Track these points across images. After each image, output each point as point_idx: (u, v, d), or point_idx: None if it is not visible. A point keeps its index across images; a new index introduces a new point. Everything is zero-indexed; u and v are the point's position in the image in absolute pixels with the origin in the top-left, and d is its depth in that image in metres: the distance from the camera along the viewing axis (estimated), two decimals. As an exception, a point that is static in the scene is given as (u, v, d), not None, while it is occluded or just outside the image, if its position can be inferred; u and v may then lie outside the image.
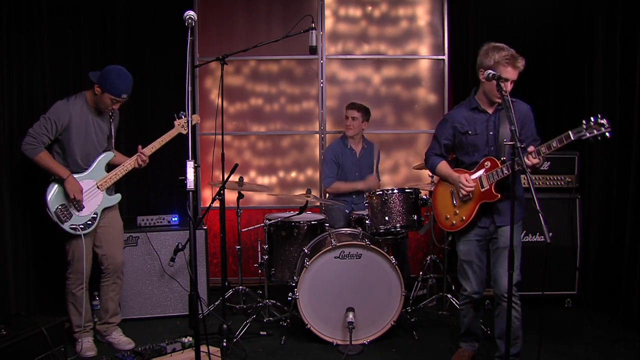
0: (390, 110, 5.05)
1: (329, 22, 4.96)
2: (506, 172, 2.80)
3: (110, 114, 3.46)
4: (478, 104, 2.99)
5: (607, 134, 2.51)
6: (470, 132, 2.99)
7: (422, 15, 5.00)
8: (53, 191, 3.26)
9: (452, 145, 3.11)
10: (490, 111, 2.98)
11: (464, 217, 3.01)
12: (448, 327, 3.84)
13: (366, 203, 3.83)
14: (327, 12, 4.94)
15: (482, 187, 2.92)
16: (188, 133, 2.37)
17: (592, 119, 2.53)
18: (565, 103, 4.56)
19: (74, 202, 3.28)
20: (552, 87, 4.64)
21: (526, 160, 2.65)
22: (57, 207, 3.25)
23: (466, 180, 2.95)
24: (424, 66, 5.04)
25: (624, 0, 3.81)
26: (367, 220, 3.82)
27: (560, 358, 3.29)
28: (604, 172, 4.05)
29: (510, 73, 2.79)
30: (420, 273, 4.32)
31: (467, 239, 3.05)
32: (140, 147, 3.47)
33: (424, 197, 3.97)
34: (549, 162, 4.18)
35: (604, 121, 2.51)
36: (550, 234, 3.70)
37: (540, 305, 3.87)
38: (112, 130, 3.50)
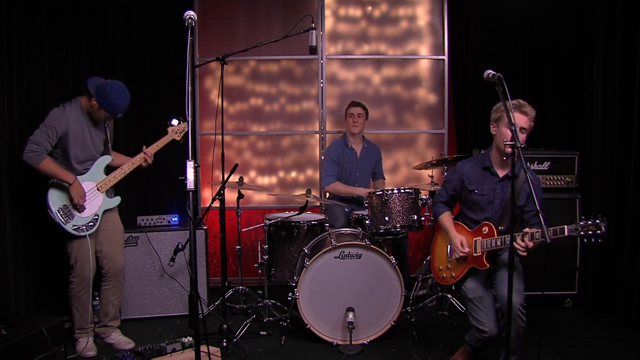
0: (390, 110, 5.06)
1: (329, 22, 4.96)
2: (499, 244, 2.81)
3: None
4: (491, 164, 2.98)
5: (600, 240, 2.48)
6: (477, 192, 2.99)
7: (422, 15, 5.00)
8: (53, 192, 3.26)
9: (458, 197, 3.13)
10: (501, 174, 2.96)
11: (453, 274, 3.03)
12: (448, 327, 3.85)
13: (366, 203, 3.83)
14: (327, 12, 4.94)
15: (475, 252, 2.93)
16: (188, 133, 2.37)
17: (591, 219, 2.50)
18: (565, 103, 4.56)
19: (75, 204, 3.29)
20: (552, 87, 4.64)
21: (519, 242, 2.64)
22: (59, 208, 3.26)
23: (461, 245, 2.96)
24: (424, 66, 5.04)
25: (623, 0, 3.81)
26: (367, 220, 3.82)
27: (560, 358, 3.29)
28: (604, 172, 4.05)
29: (519, 119, 2.75)
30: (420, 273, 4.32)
31: (473, 277, 2.98)
32: (144, 147, 3.50)
33: (424, 197, 3.97)
34: (549, 162, 4.19)
35: (603, 226, 2.47)
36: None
37: (540, 305, 3.86)
38: (108, 134, 3.52)
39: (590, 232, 2.49)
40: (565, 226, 2.55)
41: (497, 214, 2.94)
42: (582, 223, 2.52)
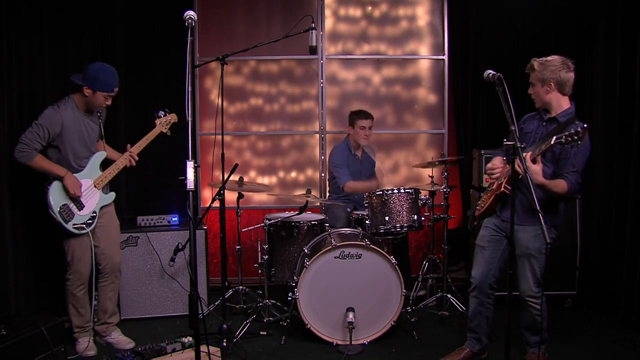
0: (390, 110, 5.06)
1: (329, 22, 4.96)
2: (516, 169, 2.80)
3: (99, 112, 3.47)
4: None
5: (580, 142, 2.52)
6: (524, 129, 3.09)
7: (422, 15, 5.00)
8: (53, 191, 3.25)
9: None
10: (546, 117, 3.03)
11: (483, 205, 3.13)
12: (448, 327, 3.85)
13: (366, 203, 3.83)
14: (327, 12, 4.94)
15: (500, 180, 3.01)
16: (188, 133, 2.37)
17: (572, 129, 2.53)
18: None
19: (74, 200, 3.29)
20: (552, 87, 4.63)
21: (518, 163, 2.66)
22: (60, 207, 3.25)
23: (492, 165, 3.06)
24: (424, 66, 5.04)
25: (624, 0, 3.81)
26: (367, 220, 3.82)
27: (560, 358, 3.28)
28: (604, 172, 4.05)
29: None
30: (420, 273, 4.32)
31: (486, 225, 3.14)
32: (129, 146, 3.50)
33: (424, 197, 3.97)
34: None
35: (580, 130, 2.50)
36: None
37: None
38: (101, 129, 3.51)
39: (570, 139, 2.54)
40: (553, 137, 2.58)
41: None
42: (566, 133, 2.54)
